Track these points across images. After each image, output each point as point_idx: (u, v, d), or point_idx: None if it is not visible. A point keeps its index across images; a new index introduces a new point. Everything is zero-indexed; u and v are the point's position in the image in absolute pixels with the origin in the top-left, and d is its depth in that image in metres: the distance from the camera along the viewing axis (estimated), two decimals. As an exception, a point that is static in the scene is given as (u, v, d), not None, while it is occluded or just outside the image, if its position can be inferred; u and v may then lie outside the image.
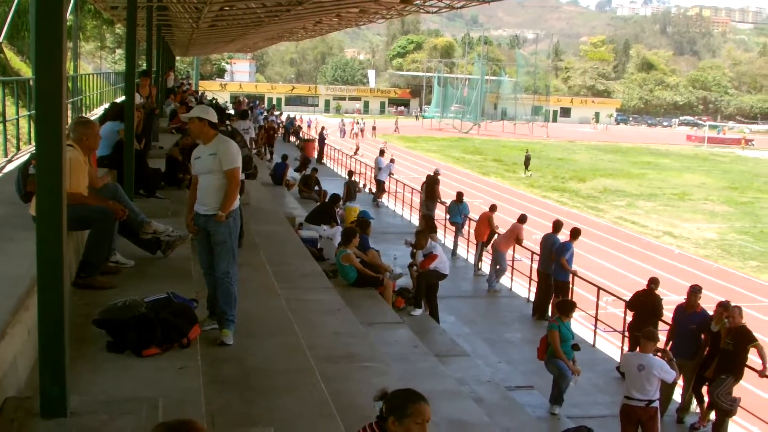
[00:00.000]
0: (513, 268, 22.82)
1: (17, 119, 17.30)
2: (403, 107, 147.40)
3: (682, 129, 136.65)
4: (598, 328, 18.46)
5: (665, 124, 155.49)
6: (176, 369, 6.29)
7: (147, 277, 8.66)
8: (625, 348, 16.60)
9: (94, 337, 6.62)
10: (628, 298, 16.83)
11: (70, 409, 5.11)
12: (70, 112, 21.36)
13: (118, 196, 9.11)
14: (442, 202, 29.98)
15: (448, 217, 27.58)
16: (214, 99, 54.02)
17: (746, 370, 13.36)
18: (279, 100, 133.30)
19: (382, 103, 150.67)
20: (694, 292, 14.65)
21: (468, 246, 26.22)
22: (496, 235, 23.88)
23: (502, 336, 18.57)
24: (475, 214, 27.17)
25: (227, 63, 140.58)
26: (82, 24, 35.62)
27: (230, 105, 64.49)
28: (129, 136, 12.37)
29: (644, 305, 15.85)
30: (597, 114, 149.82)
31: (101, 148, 11.12)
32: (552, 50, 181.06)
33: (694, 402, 14.32)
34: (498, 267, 22.41)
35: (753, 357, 13.51)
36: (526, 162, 59.85)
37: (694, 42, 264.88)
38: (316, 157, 49.69)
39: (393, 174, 38.20)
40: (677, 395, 14.63)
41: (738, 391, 13.49)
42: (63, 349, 5.05)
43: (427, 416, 4.91)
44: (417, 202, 31.13)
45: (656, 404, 12.05)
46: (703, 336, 14.21)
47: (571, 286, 19.31)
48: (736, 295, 24.91)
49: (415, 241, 17.62)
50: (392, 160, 39.04)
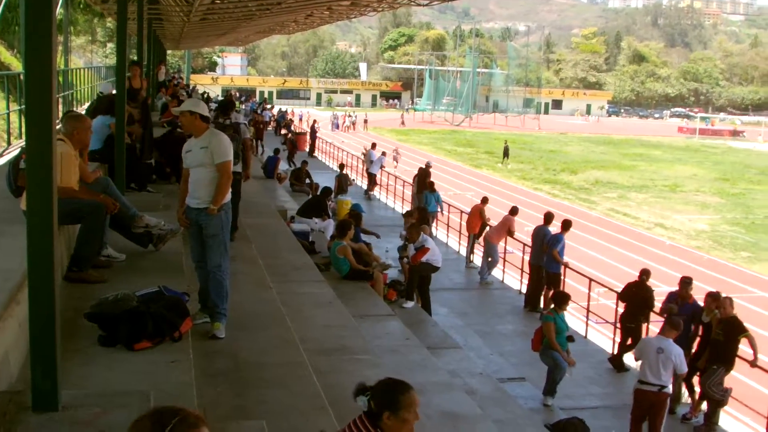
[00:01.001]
0: (505, 260, 22.84)
1: (8, 114, 17.24)
2: (395, 100, 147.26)
3: (674, 121, 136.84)
4: (590, 320, 18.50)
5: (657, 115, 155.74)
6: (168, 362, 6.28)
7: (138, 271, 8.65)
8: (617, 339, 16.65)
9: (86, 331, 6.61)
10: (619, 290, 16.89)
11: (62, 403, 5.11)
12: (60, 107, 21.31)
13: (110, 189, 9.09)
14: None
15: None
16: (205, 93, 53.93)
17: (738, 360, 13.41)
18: (270, 93, 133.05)
19: (374, 96, 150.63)
20: (686, 283, 14.71)
21: (459, 238, 26.24)
22: (487, 228, 23.91)
23: (494, 328, 18.60)
24: (466, 207, 27.19)
25: (219, 56, 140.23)
26: (72, 18, 35.49)
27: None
28: (119, 131, 12.34)
29: (636, 296, 15.91)
30: (588, 106, 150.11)
31: (92, 142, 11.08)
32: (543, 42, 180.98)
33: (686, 393, 14.36)
34: (490, 259, 22.43)
35: (745, 348, 13.56)
36: (505, 152, 61.06)
37: (685, 34, 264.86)
38: (307, 150, 49.73)
39: (384, 167, 38.23)
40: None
41: (729, 382, 13.54)
42: (54, 343, 5.04)
43: (418, 402, 4.90)
44: (409, 194, 31.11)
45: (668, 390, 12.25)
46: (693, 327, 14.26)
47: (562, 277, 19.37)
48: (728, 286, 24.96)
49: (408, 235, 17.62)
50: (383, 154, 39.08)
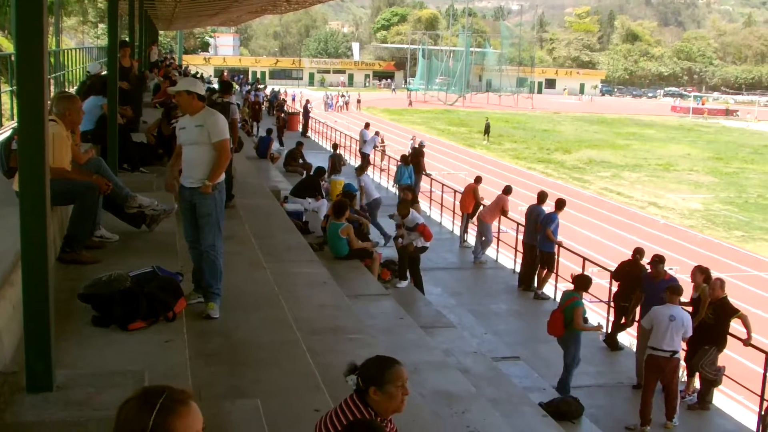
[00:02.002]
0: (498, 240, 22.82)
1: (-1, 95, 17.20)
2: (388, 80, 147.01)
3: (667, 100, 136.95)
4: (584, 299, 18.51)
5: (650, 95, 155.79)
6: (162, 342, 6.29)
7: (132, 252, 8.64)
8: (611, 318, 16.67)
9: (80, 311, 6.61)
10: (613, 269, 16.91)
11: (57, 383, 5.12)
12: (52, 87, 21.23)
13: (102, 170, 9.07)
14: (428, 174, 30.03)
15: (399, 180, 27.88)
16: (198, 73, 53.82)
17: (731, 339, 13.43)
18: (263, 73, 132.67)
19: (367, 76, 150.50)
20: (656, 262, 14.73)
21: (453, 218, 26.24)
22: (481, 207, 23.90)
23: (488, 307, 18.62)
24: (460, 186, 27.21)
25: (211, 37, 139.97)
26: (64, -2, 35.36)
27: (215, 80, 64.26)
28: (112, 111, 12.31)
29: (629, 275, 15.90)
30: (582, 85, 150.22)
31: (84, 123, 11.06)
32: (537, 22, 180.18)
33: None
34: (483, 239, 22.42)
35: (738, 326, 13.58)
36: (486, 129, 62.02)
37: (678, 13, 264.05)
38: (300, 130, 49.66)
39: (377, 147, 38.19)
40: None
41: (722, 360, 13.58)
42: (48, 325, 5.04)
43: (405, 377, 4.91)
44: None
45: (679, 356, 12.55)
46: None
47: (556, 257, 19.39)
48: (722, 265, 25.05)
49: (398, 211, 17.55)
50: (377, 133, 39.02)
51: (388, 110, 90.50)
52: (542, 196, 20.21)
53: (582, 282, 14.03)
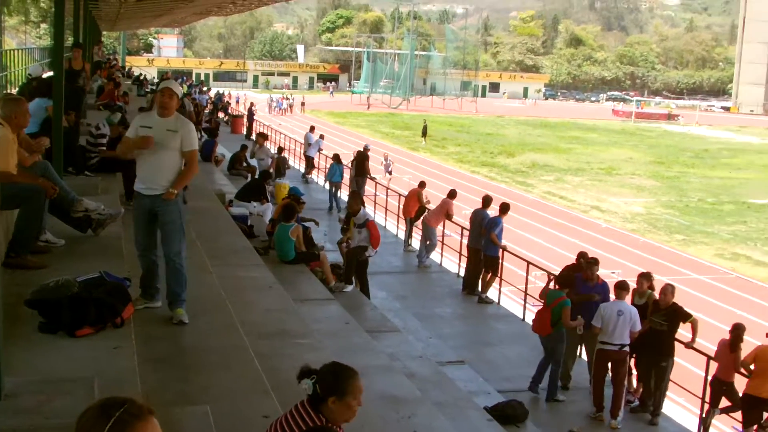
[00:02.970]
0: (443, 244, 22.95)
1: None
2: (332, 83, 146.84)
3: (610, 104, 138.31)
4: (528, 303, 18.63)
5: (593, 99, 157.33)
6: (111, 349, 6.27)
7: (78, 256, 8.59)
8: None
9: (27, 317, 6.56)
10: (557, 273, 17.07)
11: (5, 391, 5.09)
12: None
13: (48, 173, 9.00)
14: (372, 178, 30.06)
15: (330, 177, 28.98)
16: (141, 74, 53.39)
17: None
18: (207, 75, 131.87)
19: (311, 78, 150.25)
20: (591, 264, 14.94)
21: (398, 222, 26.30)
22: (426, 211, 23.99)
23: (433, 311, 18.70)
24: (404, 190, 27.32)
25: (154, 38, 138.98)
26: (5, -3, 34.91)
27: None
28: (57, 113, 12.20)
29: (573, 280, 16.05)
30: (525, 89, 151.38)
31: (29, 126, 10.96)
32: (481, 25, 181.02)
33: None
34: (428, 242, 22.51)
35: (683, 332, 13.74)
36: (424, 131, 62.93)
37: (622, 17, 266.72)
38: (244, 133, 49.46)
39: (322, 150, 38.19)
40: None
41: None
42: (-5, 331, 5.02)
43: (362, 389, 4.98)
44: (347, 178, 31.09)
45: (627, 348, 13.08)
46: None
47: (501, 261, 19.52)
48: (663, 268, 25.35)
49: (348, 206, 17.50)
50: (321, 136, 39.03)
51: (332, 113, 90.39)
52: (487, 200, 20.36)
53: (566, 280, 14.32)
